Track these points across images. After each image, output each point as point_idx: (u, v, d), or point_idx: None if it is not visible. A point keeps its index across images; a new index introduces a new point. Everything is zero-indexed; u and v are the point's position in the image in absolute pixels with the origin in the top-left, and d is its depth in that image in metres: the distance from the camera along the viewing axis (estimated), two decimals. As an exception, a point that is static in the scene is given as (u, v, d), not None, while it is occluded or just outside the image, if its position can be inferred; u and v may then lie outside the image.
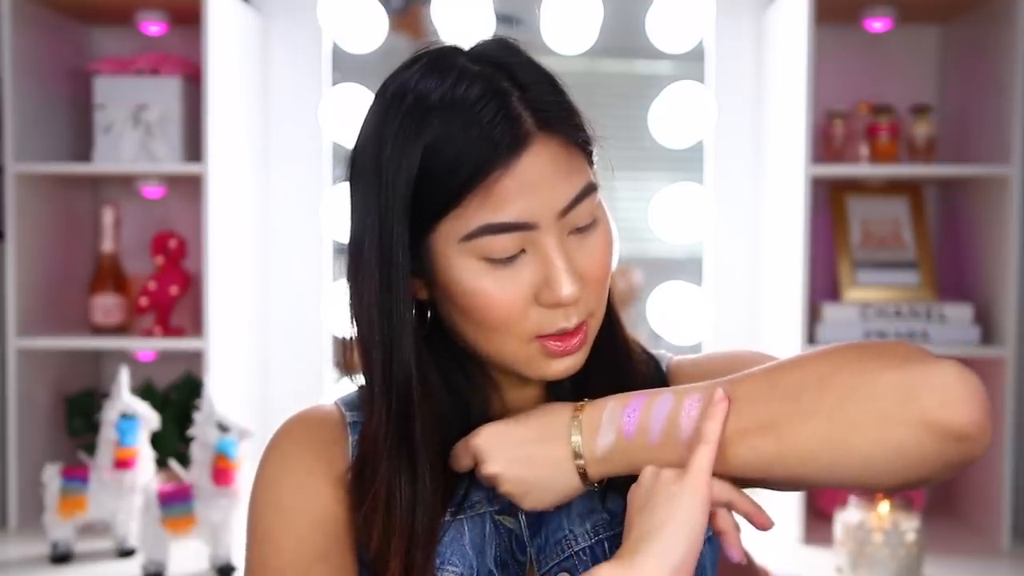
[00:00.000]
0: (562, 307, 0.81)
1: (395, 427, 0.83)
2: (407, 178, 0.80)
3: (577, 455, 0.81)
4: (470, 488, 0.87)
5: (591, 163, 0.85)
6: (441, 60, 0.83)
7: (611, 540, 0.87)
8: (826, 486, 0.78)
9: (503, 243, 0.80)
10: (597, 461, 0.81)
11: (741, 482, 0.80)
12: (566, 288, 0.80)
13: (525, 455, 0.82)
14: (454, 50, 0.84)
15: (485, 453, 0.83)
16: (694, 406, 0.79)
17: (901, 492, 0.75)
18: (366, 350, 0.85)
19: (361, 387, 0.89)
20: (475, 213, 0.79)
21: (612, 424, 0.81)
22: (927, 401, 0.72)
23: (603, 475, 0.82)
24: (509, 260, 0.81)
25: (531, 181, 0.79)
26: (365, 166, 0.83)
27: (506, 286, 0.81)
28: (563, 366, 0.84)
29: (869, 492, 0.76)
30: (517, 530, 0.88)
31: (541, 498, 0.83)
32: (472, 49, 0.84)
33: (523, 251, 0.81)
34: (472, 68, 0.81)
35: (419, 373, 0.84)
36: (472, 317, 0.82)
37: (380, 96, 0.85)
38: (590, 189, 0.82)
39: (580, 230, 0.82)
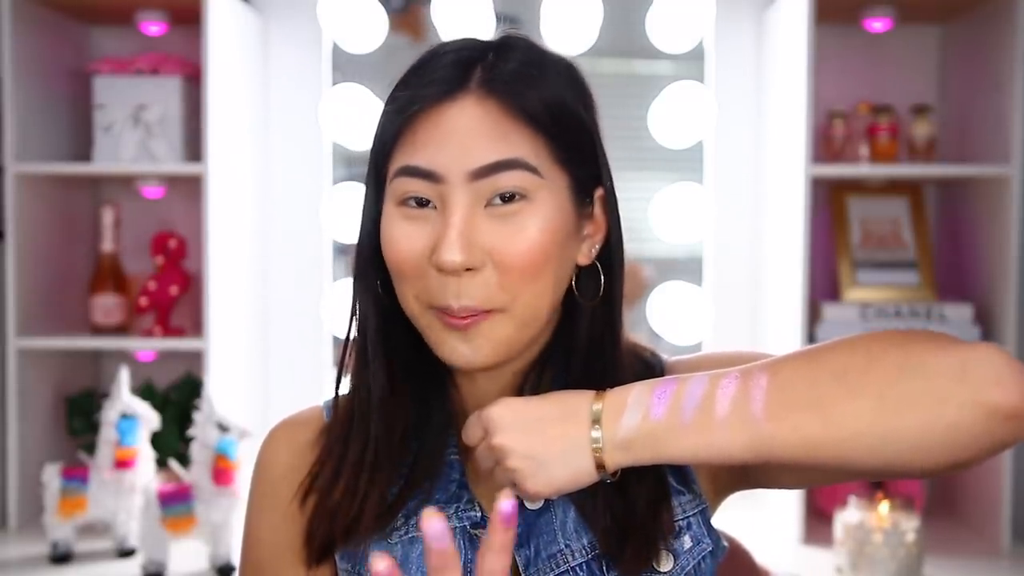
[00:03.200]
0: (448, 276, 0.79)
1: (361, 353, 0.87)
2: (377, 137, 0.84)
3: (595, 439, 0.76)
4: (439, 504, 0.86)
5: (573, 171, 0.83)
6: (453, 41, 0.85)
7: (607, 557, 0.84)
8: (868, 470, 0.75)
9: (413, 187, 0.80)
10: (617, 445, 0.76)
11: (781, 465, 0.77)
12: (448, 252, 0.77)
13: (539, 430, 0.77)
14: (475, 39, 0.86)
15: (496, 424, 0.78)
16: (731, 384, 0.75)
17: (942, 474, 0.73)
18: (353, 279, 0.88)
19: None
20: (400, 154, 0.82)
21: (639, 406, 0.76)
22: (981, 380, 0.71)
23: (619, 464, 0.77)
24: (420, 211, 0.81)
25: (447, 131, 0.79)
26: None
27: (410, 235, 0.81)
28: (461, 353, 0.81)
29: (909, 476, 0.73)
30: None
31: (548, 480, 0.77)
32: (511, 36, 0.86)
33: (434, 207, 0.81)
34: (477, 42, 0.84)
35: (377, 330, 0.86)
36: (389, 267, 0.83)
37: None
38: (519, 165, 0.79)
39: (504, 202, 0.79)
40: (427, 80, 0.81)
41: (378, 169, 0.85)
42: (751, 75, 2.35)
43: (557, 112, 0.81)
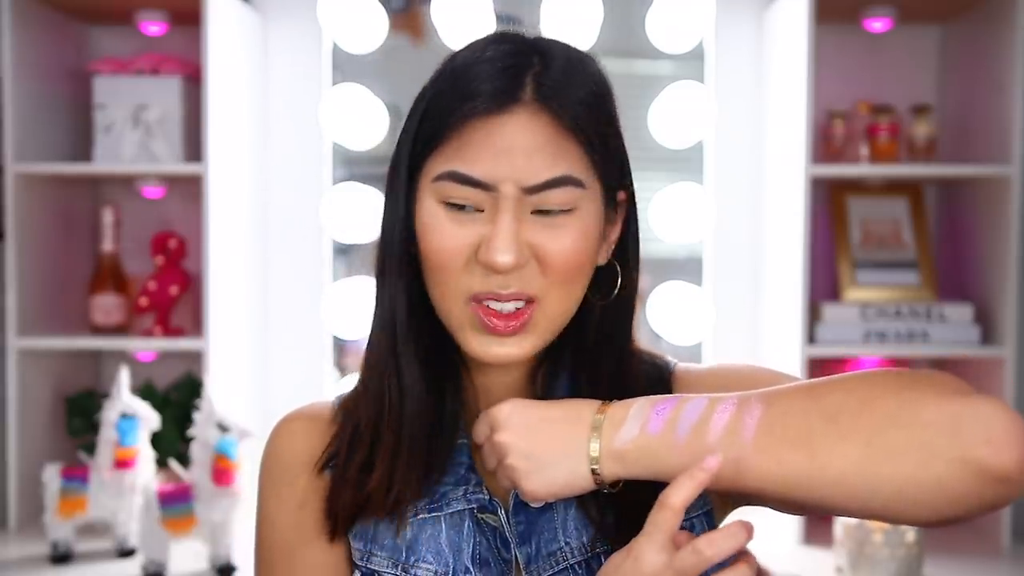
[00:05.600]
0: (496, 273, 0.81)
1: (387, 340, 0.87)
2: (416, 117, 0.84)
3: (593, 446, 0.78)
4: (448, 487, 0.87)
5: (605, 179, 0.84)
6: (499, 33, 0.86)
7: (608, 555, 0.83)
8: (849, 514, 0.75)
9: (463, 193, 0.81)
10: (612, 455, 0.78)
11: (760, 497, 0.78)
12: (500, 254, 0.79)
13: (540, 430, 0.80)
14: (513, 32, 0.86)
15: (501, 422, 0.81)
16: (727, 411, 0.76)
17: (929, 527, 0.74)
18: (377, 267, 0.89)
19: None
20: (448, 158, 0.81)
21: (638, 419, 0.78)
22: (971, 436, 0.69)
23: (615, 475, 0.79)
24: (465, 211, 0.82)
25: (506, 145, 0.80)
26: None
27: (455, 232, 0.81)
28: (498, 351, 0.83)
29: (895, 524, 0.76)
30: (501, 528, 0.87)
31: (544, 481, 0.79)
32: (535, 35, 0.86)
33: (482, 210, 0.81)
34: (509, 40, 0.84)
35: (406, 306, 0.86)
36: (425, 259, 0.83)
37: None
38: (570, 181, 0.81)
39: (548, 214, 0.81)
40: (477, 86, 0.80)
41: (412, 165, 0.85)
42: (751, 75, 2.35)
43: (598, 121, 0.83)
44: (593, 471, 0.79)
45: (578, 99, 0.82)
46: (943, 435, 0.70)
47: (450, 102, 0.81)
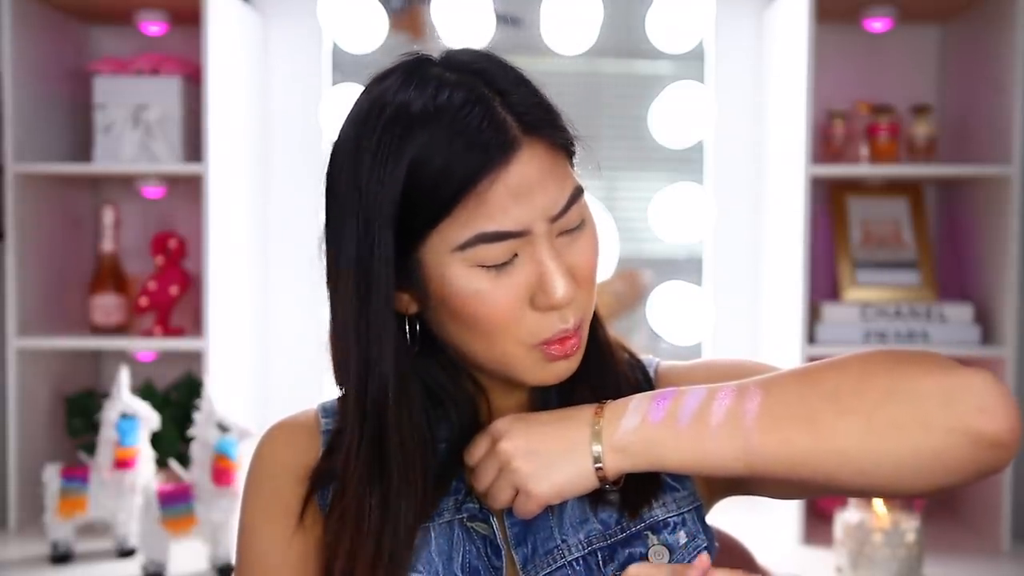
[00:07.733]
0: (557, 309, 0.81)
1: (368, 445, 0.83)
2: (392, 193, 0.78)
3: (595, 442, 0.79)
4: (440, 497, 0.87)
5: (572, 163, 0.85)
6: (418, 70, 0.82)
7: (604, 551, 0.86)
8: (853, 489, 0.78)
9: (497, 251, 0.79)
10: (615, 447, 0.79)
11: (763, 477, 0.79)
12: (560, 290, 0.79)
13: (542, 432, 0.81)
14: (427, 60, 0.84)
15: (502, 431, 0.82)
16: (727, 397, 0.78)
17: (925, 497, 0.78)
18: (342, 363, 0.85)
19: (340, 397, 0.89)
20: (468, 222, 0.78)
21: (638, 411, 0.80)
22: (966, 407, 0.73)
23: (618, 468, 0.80)
24: (503, 264, 0.80)
25: (523, 188, 0.78)
26: (342, 183, 0.84)
27: (501, 289, 0.79)
28: (560, 369, 0.83)
29: (894, 496, 0.80)
30: (491, 536, 0.87)
31: (550, 479, 0.80)
32: (444, 58, 0.84)
33: (516, 255, 0.80)
34: (450, 77, 0.80)
35: (398, 389, 0.82)
36: (470, 323, 0.81)
37: (356, 111, 0.85)
38: (579, 193, 0.82)
39: (569, 231, 0.82)
40: (474, 140, 0.77)
41: (406, 241, 0.80)
42: (751, 75, 2.35)
43: (557, 114, 0.83)
44: (596, 468, 0.80)
45: (540, 105, 0.81)
46: (939, 407, 0.73)
47: (449, 169, 0.77)
